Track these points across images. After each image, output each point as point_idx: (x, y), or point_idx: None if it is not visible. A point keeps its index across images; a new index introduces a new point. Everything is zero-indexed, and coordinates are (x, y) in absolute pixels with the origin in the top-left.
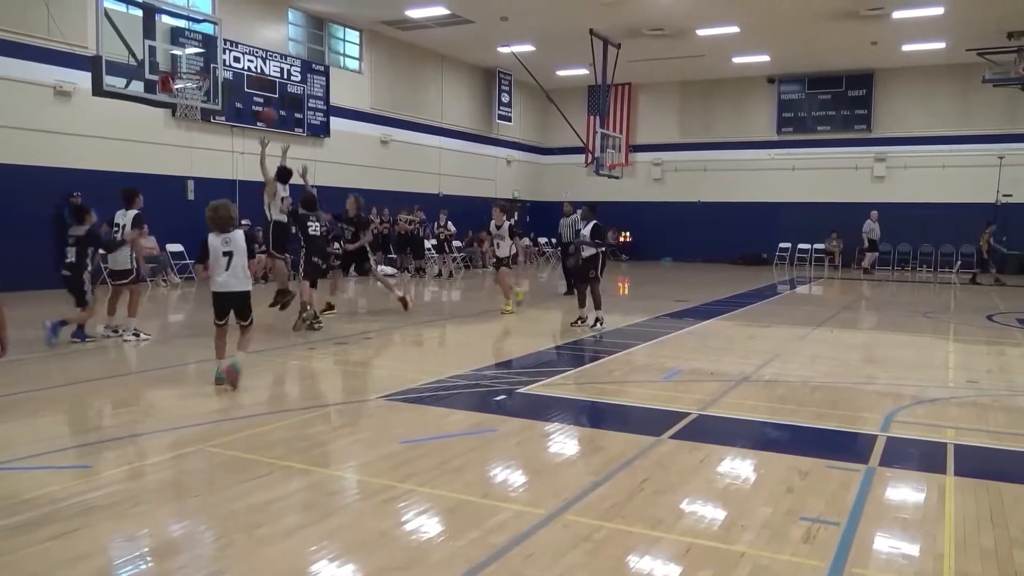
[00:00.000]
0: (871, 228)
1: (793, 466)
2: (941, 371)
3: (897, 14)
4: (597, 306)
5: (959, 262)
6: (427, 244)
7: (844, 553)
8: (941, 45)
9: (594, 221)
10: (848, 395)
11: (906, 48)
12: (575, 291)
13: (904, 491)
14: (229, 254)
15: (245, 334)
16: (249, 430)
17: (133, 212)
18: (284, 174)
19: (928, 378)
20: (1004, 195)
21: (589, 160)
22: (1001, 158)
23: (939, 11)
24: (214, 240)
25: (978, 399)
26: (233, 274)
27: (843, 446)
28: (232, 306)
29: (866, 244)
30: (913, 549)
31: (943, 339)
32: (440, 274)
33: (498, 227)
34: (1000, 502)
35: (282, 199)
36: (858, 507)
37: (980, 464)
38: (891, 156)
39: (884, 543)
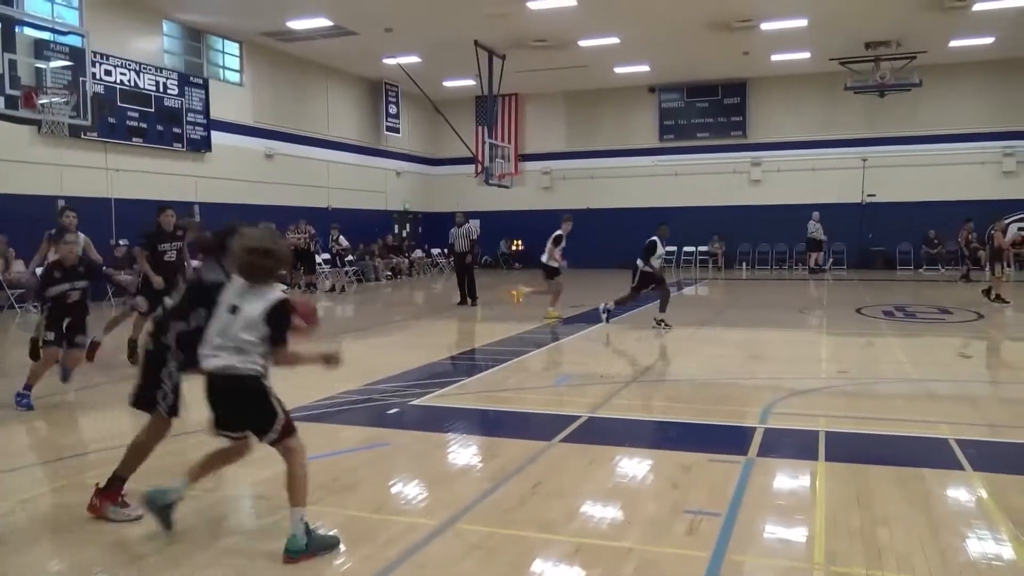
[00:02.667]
0: (815, 228)
1: (678, 462)
2: (815, 364)
3: (765, 26)
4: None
5: (831, 258)
6: (318, 259)
7: (725, 542)
8: (806, 55)
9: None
10: (730, 391)
11: (775, 58)
12: (467, 301)
13: (780, 479)
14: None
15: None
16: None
17: None
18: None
19: (803, 371)
20: (868, 195)
21: (479, 170)
22: (864, 160)
23: (803, 23)
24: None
25: (847, 388)
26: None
27: (725, 440)
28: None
29: (810, 243)
30: (788, 533)
31: (817, 333)
32: (333, 288)
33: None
34: (866, 484)
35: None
36: (738, 497)
37: (849, 449)
38: (765, 160)
39: (762, 529)
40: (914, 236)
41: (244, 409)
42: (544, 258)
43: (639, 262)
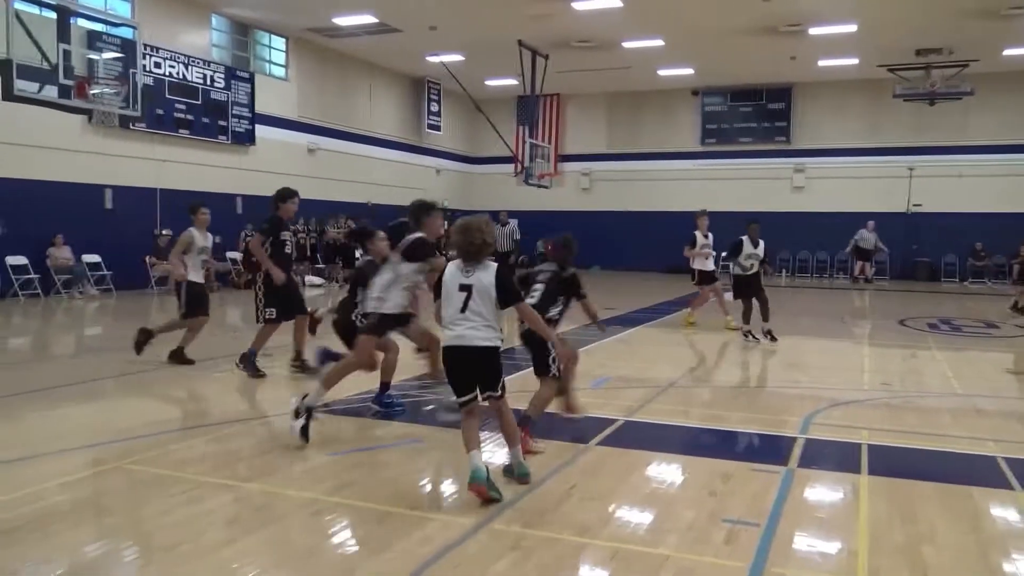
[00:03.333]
0: (864, 237)
1: (716, 469)
2: (857, 374)
3: (814, 30)
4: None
5: (873, 268)
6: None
7: (764, 553)
8: (854, 61)
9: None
10: (770, 399)
11: (822, 63)
12: None
13: (821, 491)
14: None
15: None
16: (170, 446)
17: None
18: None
19: (845, 381)
20: (914, 205)
21: (519, 170)
22: (911, 169)
23: (853, 28)
24: (451, 268)
25: (890, 401)
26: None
27: (764, 449)
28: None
29: (853, 252)
30: (829, 547)
31: (859, 344)
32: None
33: (706, 236)
34: (910, 500)
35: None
36: (777, 508)
37: (892, 463)
38: (809, 167)
39: (802, 542)
40: (960, 248)
41: (483, 374)
42: (695, 264)
43: (730, 267)
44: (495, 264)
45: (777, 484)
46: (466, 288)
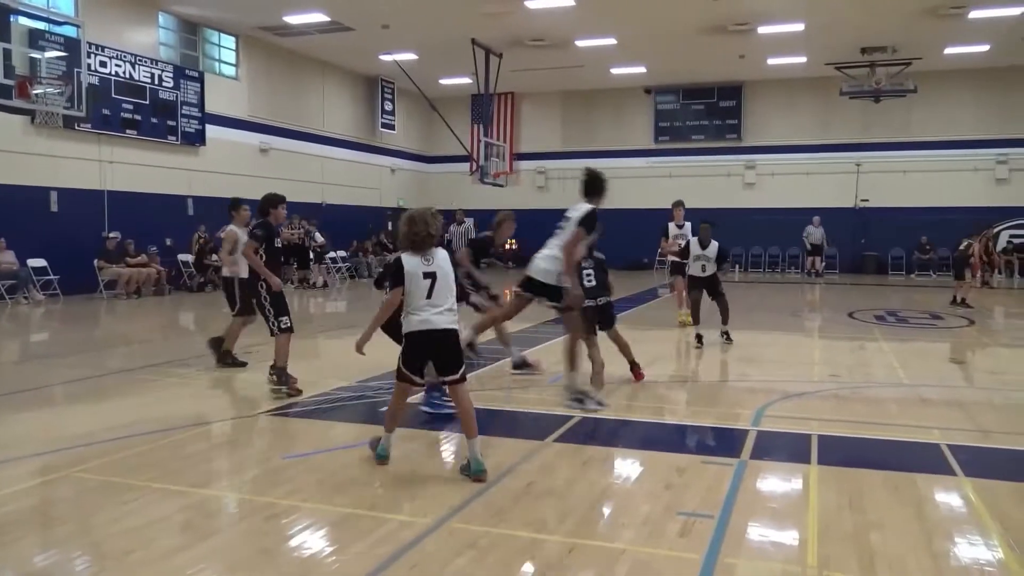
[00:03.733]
0: (810, 232)
1: (672, 463)
2: (807, 367)
3: (762, 29)
4: (725, 320)
5: (824, 262)
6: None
7: (718, 544)
8: (802, 59)
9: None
10: (723, 393)
11: (771, 62)
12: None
13: (773, 482)
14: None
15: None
16: (122, 452)
17: None
18: None
19: (796, 374)
20: (862, 200)
21: (474, 168)
22: (858, 165)
23: (800, 27)
24: (410, 259)
25: (839, 392)
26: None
27: (718, 442)
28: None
29: (808, 248)
30: (781, 536)
31: (810, 336)
32: (325, 284)
33: (680, 227)
34: (859, 488)
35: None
36: (731, 499)
37: (841, 453)
38: (760, 164)
39: (755, 532)
40: (906, 242)
41: (445, 355)
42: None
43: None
44: (444, 250)
45: (730, 476)
46: (430, 275)
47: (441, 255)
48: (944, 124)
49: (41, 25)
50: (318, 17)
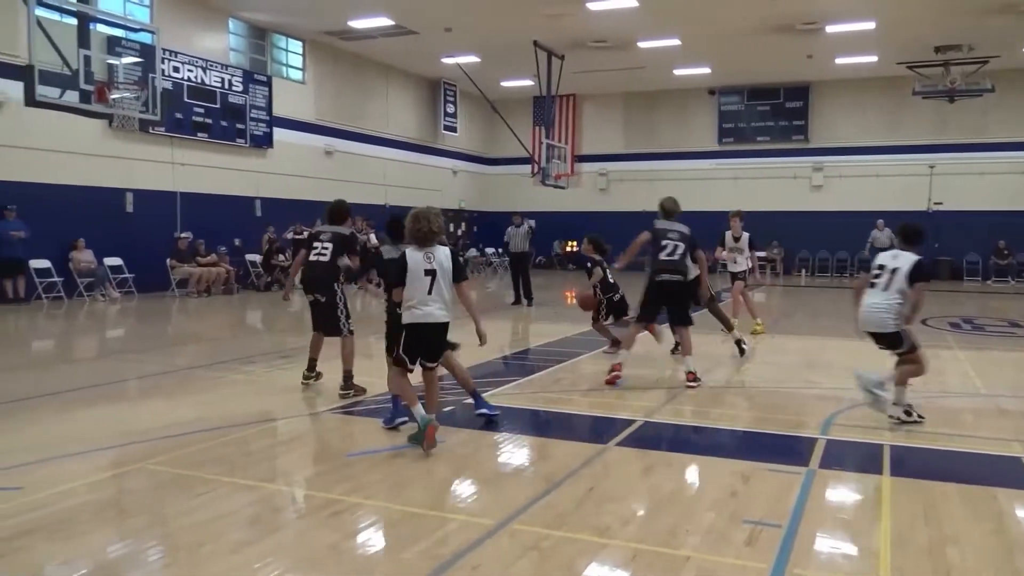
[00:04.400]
0: (875, 237)
1: (736, 470)
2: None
3: (831, 28)
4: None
5: None
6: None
7: (786, 554)
8: (873, 58)
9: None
10: (789, 400)
11: (840, 61)
12: (522, 301)
13: (843, 492)
14: (432, 273)
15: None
16: (192, 447)
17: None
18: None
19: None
20: (935, 203)
21: (535, 170)
22: (931, 167)
23: (871, 26)
24: (414, 255)
25: (912, 401)
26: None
27: (784, 450)
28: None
29: (868, 252)
30: (851, 548)
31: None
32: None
33: (736, 239)
34: (933, 501)
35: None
36: (799, 509)
37: (914, 464)
38: (828, 166)
39: (824, 543)
40: (982, 246)
41: (437, 345)
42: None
43: None
44: (446, 247)
45: (798, 485)
46: (431, 272)
47: (442, 253)
48: (1022, 124)
49: (118, 32)
50: (382, 21)
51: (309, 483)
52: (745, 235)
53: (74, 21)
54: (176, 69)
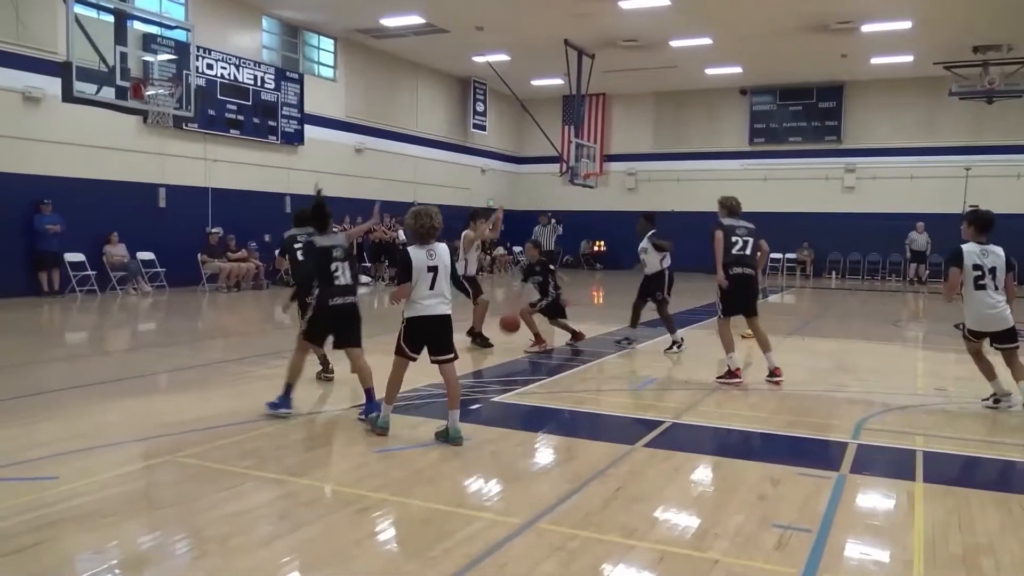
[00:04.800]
0: (913, 239)
1: (765, 474)
2: (910, 379)
3: (866, 27)
4: (671, 329)
5: (928, 270)
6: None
7: (816, 560)
8: (909, 58)
9: (652, 231)
10: (819, 403)
11: (875, 61)
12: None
13: (874, 498)
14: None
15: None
16: (221, 440)
17: None
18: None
19: (897, 386)
20: (971, 206)
21: (564, 169)
22: (967, 169)
23: (907, 25)
24: (417, 253)
25: (946, 406)
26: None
27: (814, 453)
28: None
29: (910, 254)
30: (883, 555)
31: (912, 347)
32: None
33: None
34: (968, 508)
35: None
36: (829, 514)
37: (948, 471)
38: (861, 167)
39: (855, 549)
40: (1018, 250)
41: (443, 337)
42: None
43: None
44: (444, 244)
45: (828, 489)
46: (433, 269)
47: (442, 248)
48: None
49: (154, 29)
50: (414, 19)
51: (337, 479)
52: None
53: (111, 18)
54: (210, 66)
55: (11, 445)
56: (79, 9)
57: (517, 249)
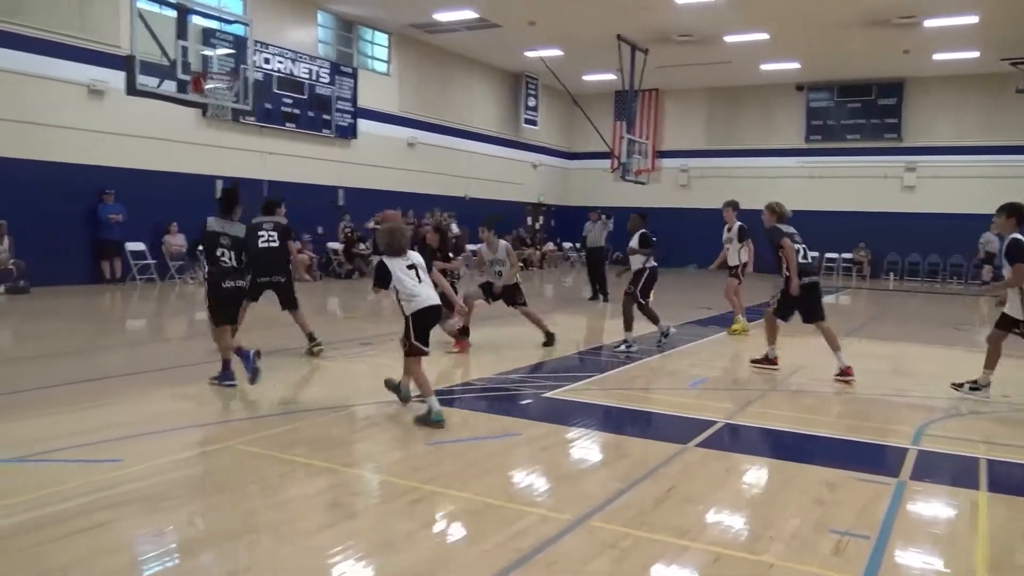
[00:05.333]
0: (988, 240)
1: (822, 478)
2: None
3: (929, 23)
4: (627, 326)
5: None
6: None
7: (875, 567)
8: (974, 54)
9: (642, 230)
10: (877, 407)
11: (938, 57)
12: (598, 297)
13: (936, 506)
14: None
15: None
16: (275, 428)
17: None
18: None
19: (960, 391)
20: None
21: (615, 165)
22: None
23: (973, 20)
24: (393, 262)
25: (1012, 414)
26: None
27: (873, 459)
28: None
29: (982, 255)
30: (945, 565)
31: (974, 352)
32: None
33: (729, 229)
34: None
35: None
36: (889, 521)
37: (1014, 480)
38: (921, 166)
39: (916, 558)
40: None
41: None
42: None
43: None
44: (416, 252)
45: (888, 496)
46: (412, 267)
47: (414, 253)
48: None
49: (214, 24)
50: (467, 14)
51: (388, 469)
52: (737, 225)
53: (173, 13)
54: (267, 60)
55: (78, 427)
56: (142, 4)
57: (567, 245)
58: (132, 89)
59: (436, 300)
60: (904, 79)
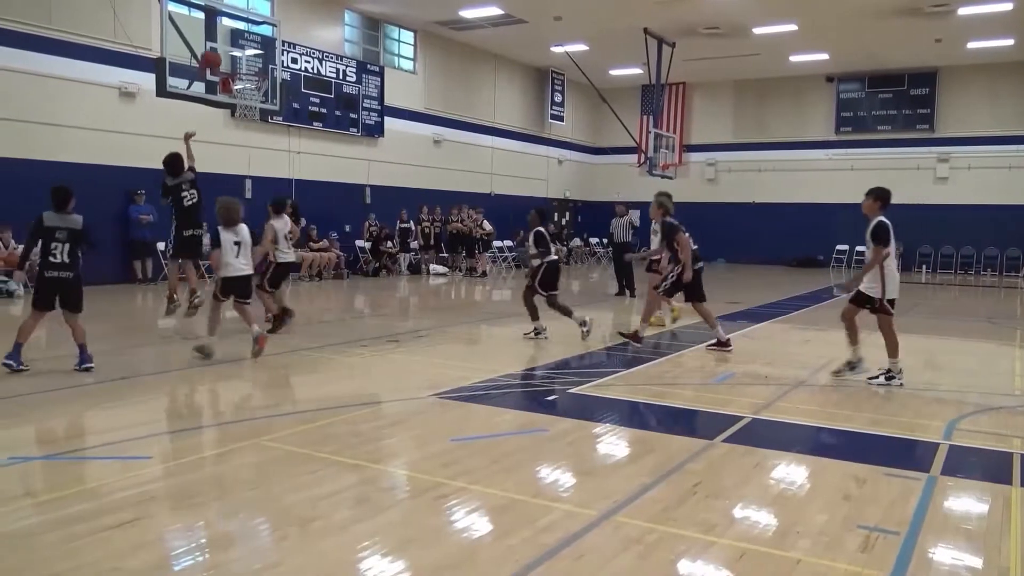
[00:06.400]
0: None
1: (850, 473)
2: (1007, 379)
3: (963, 10)
4: (533, 317)
5: None
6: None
7: (904, 563)
8: (1010, 42)
9: (538, 228)
10: (908, 401)
11: (972, 45)
12: (625, 293)
13: (967, 501)
14: (238, 244)
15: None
16: (302, 425)
17: None
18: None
19: (993, 386)
20: None
21: (642, 160)
22: None
23: (1008, 7)
24: (225, 235)
25: None
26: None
27: (903, 454)
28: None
29: None
30: (977, 562)
31: (1009, 346)
32: (484, 274)
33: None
34: None
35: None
36: (919, 517)
37: None
38: (955, 157)
39: (946, 554)
40: None
41: (248, 289)
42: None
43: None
44: (245, 225)
45: (918, 491)
46: (238, 244)
47: (243, 228)
48: None
49: (242, 25)
50: (492, 11)
51: (414, 465)
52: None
53: (202, 15)
54: (294, 60)
55: (108, 424)
56: (172, 6)
57: (594, 240)
58: (163, 91)
59: (243, 271)
60: (937, 68)
